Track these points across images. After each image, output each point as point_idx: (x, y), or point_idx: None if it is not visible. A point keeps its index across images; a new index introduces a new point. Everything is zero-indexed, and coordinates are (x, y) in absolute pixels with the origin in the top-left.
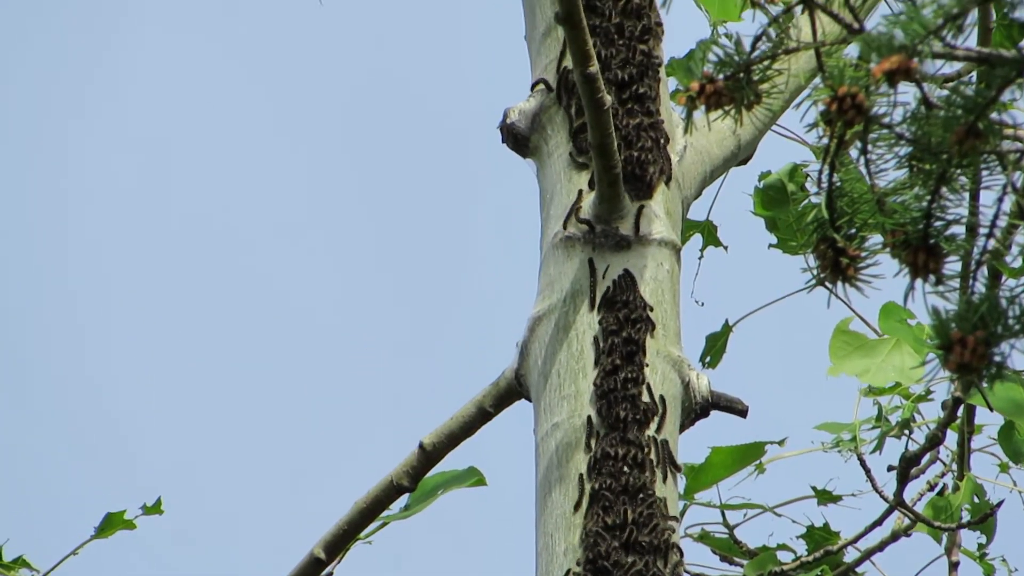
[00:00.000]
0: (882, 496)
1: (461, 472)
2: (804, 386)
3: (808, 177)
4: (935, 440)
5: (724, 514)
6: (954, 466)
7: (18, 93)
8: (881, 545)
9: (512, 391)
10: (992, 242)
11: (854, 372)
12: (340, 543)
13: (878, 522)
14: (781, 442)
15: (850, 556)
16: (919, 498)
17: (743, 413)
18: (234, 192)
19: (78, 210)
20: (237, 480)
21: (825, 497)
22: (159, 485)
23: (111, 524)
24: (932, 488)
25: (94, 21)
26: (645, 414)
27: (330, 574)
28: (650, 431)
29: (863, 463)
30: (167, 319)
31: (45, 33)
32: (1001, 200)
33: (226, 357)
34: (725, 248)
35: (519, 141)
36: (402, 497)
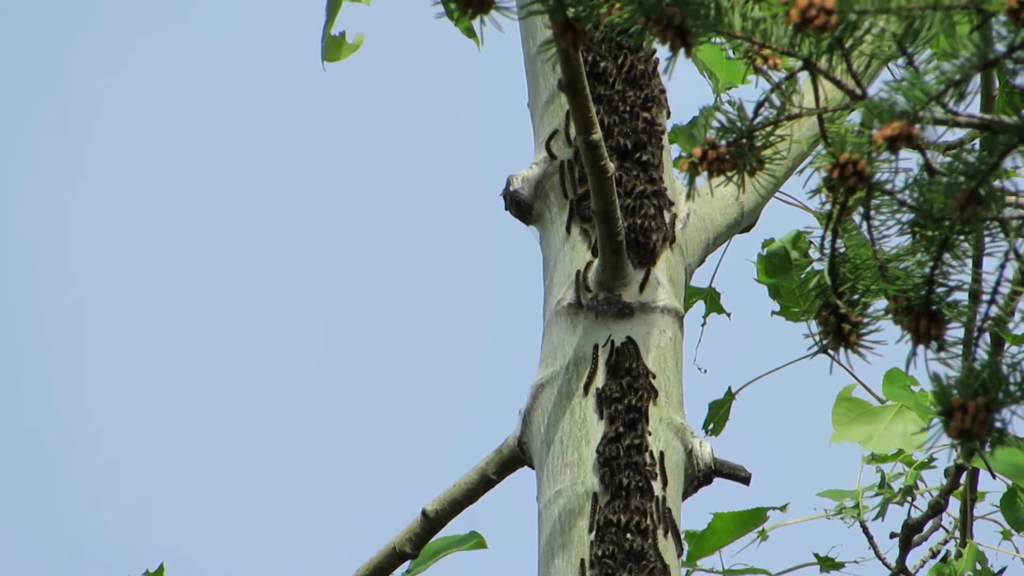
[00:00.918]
0: (885, 563)
1: (462, 536)
2: (807, 453)
3: (811, 244)
4: (938, 507)
5: None
6: (957, 533)
7: (16, 155)
8: None
9: (515, 458)
10: (994, 309)
11: (857, 439)
12: None
13: None
14: (783, 508)
15: None
16: (922, 565)
17: (746, 480)
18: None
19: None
20: (239, 547)
21: (828, 564)
22: (156, 546)
23: None
24: (935, 555)
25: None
26: (648, 481)
27: None
28: (653, 498)
29: (866, 530)
30: (165, 383)
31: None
32: (1003, 267)
33: (226, 425)
34: (728, 315)
35: (522, 208)
36: (404, 564)
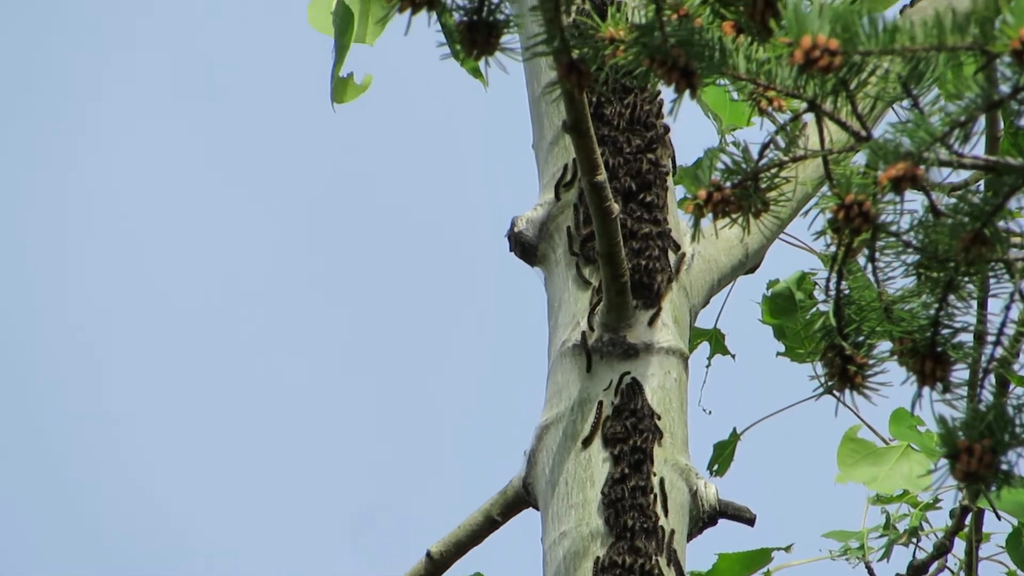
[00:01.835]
0: None
1: None
2: (812, 494)
3: (816, 285)
4: (943, 548)
5: None
6: (962, 574)
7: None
8: None
9: (520, 499)
10: (999, 350)
11: (862, 480)
12: None
13: None
14: (788, 549)
15: None
16: None
17: (751, 522)
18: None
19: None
20: None
21: None
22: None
23: None
24: None
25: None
26: (653, 523)
27: None
28: (658, 540)
29: (871, 571)
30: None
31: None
32: (1008, 308)
33: (231, 464)
34: (733, 356)
35: (527, 250)
36: None
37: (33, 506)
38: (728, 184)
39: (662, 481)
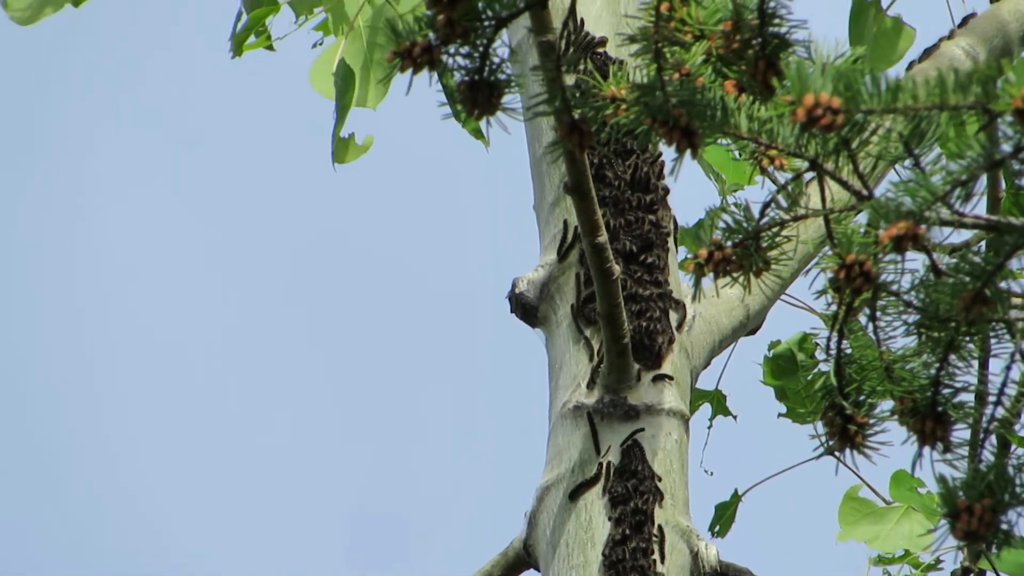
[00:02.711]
0: None
1: None
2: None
3: (817, 345)
4: None
5: None
6: None
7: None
8: None
9: (520, 561)
10: (1000, 410)
11: (863, 539)
12: None
13: None
14: None
15: None
16: None
17: None
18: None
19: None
20: None
21: None
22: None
23: None
24: None
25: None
26: None
27: None
28: None
29: None
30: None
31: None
32: (1009, 368)
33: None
34: (734, 417)
35: (528, 311)
36: None
37: (24, 512)
38: (729, 243)
39: (663, 543)
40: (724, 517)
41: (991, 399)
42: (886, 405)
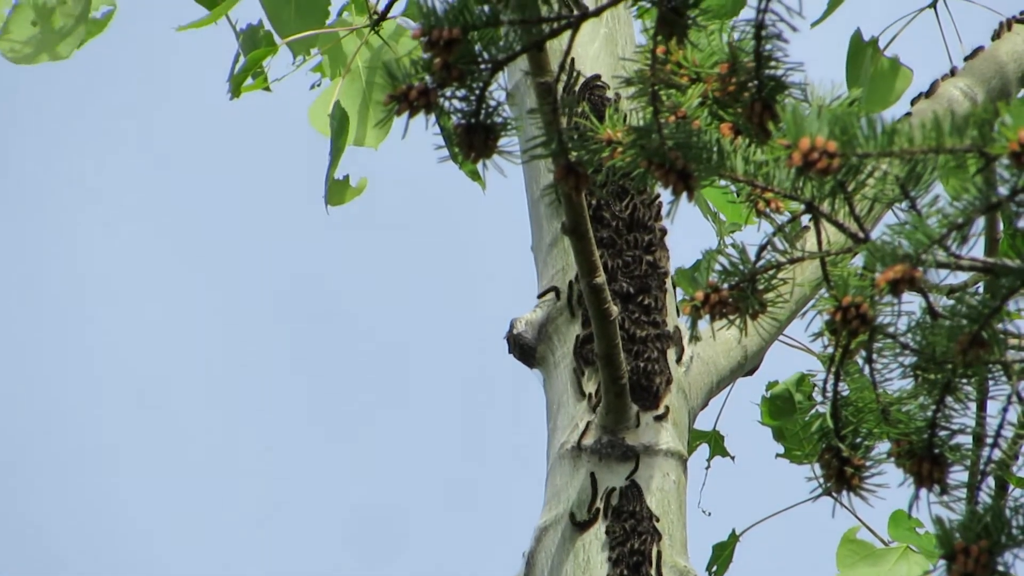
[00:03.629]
0: None
1: None
2: None
3: (815, 386)
4: None
5: None
6: None
7: None
8: None
9: None
10: (997, 452)
11: None
12: None
13: None
14: None
15: None
16: None
17: None
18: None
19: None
20: None
21: None
22: None
23: None
24: None
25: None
26: None
27: None
28: None
29: None
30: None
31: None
32: (1006, 410)
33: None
34: (732, 458)
35: (526, 352)
36: None
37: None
38: (726, 286)
39: None
40: (722, 557)
41: (988, 441)
42: (883, 447)
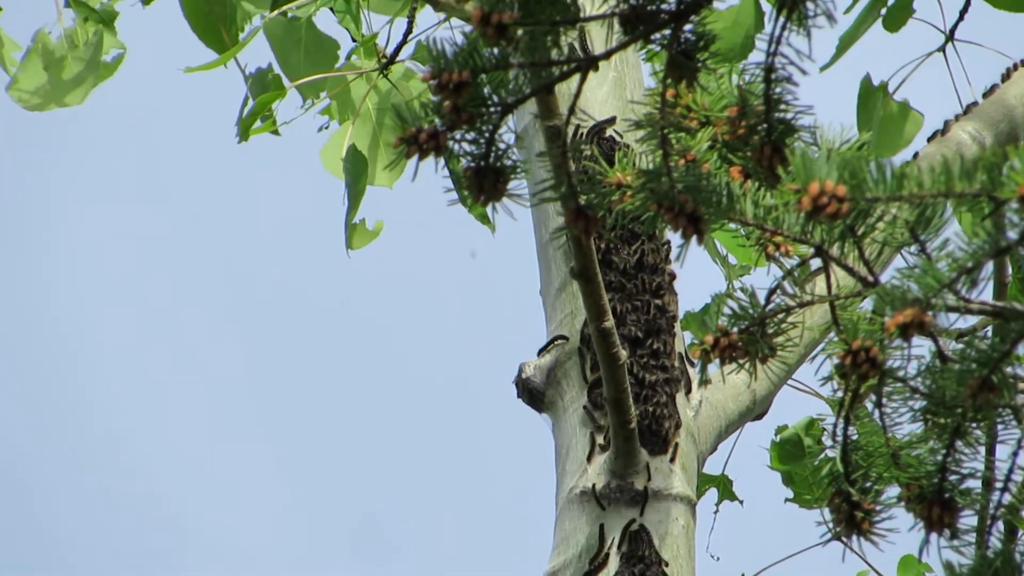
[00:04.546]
0: None
1: None
2: None
3: (824, 431)
4: None
5: None
6: None
7: None
8: None
9: None
10: (1007, 496)
11: None
12: None
13: None
14: None
15: None
16: None
17: None
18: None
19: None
20: None
21: None
22: None
23: None
24: None
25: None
26: None
27: None
28: None
29: None
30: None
31: None
32: (1016, 454)
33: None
34: (741, 502)
35: (534, 396)
36: None
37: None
38: (735, 329)
39: None
40: None
41: (998, 485)
42: (893, 491)
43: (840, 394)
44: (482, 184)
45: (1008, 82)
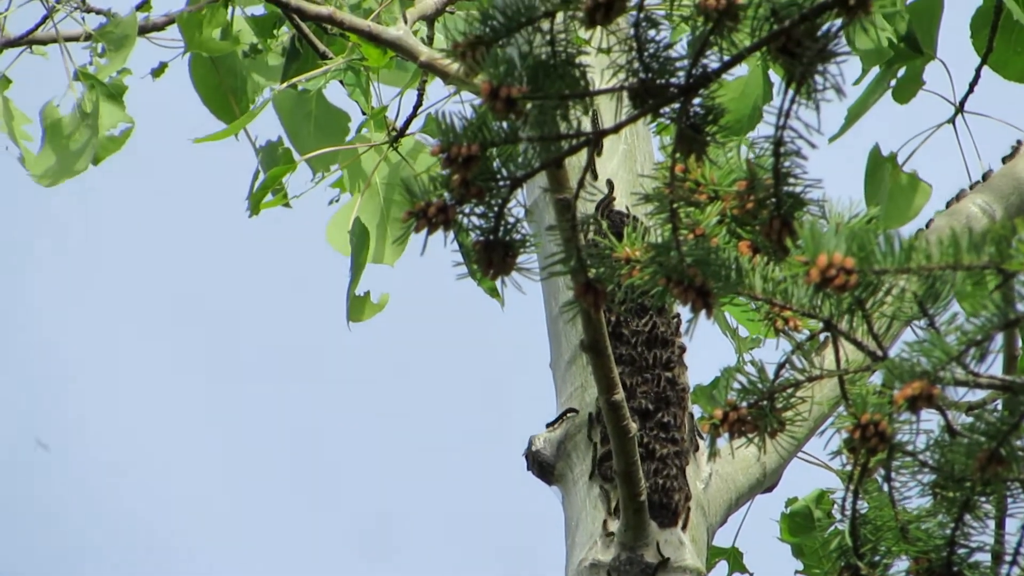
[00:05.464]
0: None
1: None
2: None
3: (835, 503)
4: None
5: None
6: None
7: None
8: None
9: None
10: (1016, 570)
11: None
12: None
13: None
14: None
15: None
16: None
17: None
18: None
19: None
20: None
21: None
22: None
23: None
24: None
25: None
26: None
27: None
28: None
29: None
30: None
31: None
32: None
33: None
34: (751, 575)
35: (544, 469)
36: None
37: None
38: (744, 404)
39: None
40: None
41: (1007, 559)
42: (902, 565)
43: (849, 467)
44: (491, 258)
45: (1017, 155)
